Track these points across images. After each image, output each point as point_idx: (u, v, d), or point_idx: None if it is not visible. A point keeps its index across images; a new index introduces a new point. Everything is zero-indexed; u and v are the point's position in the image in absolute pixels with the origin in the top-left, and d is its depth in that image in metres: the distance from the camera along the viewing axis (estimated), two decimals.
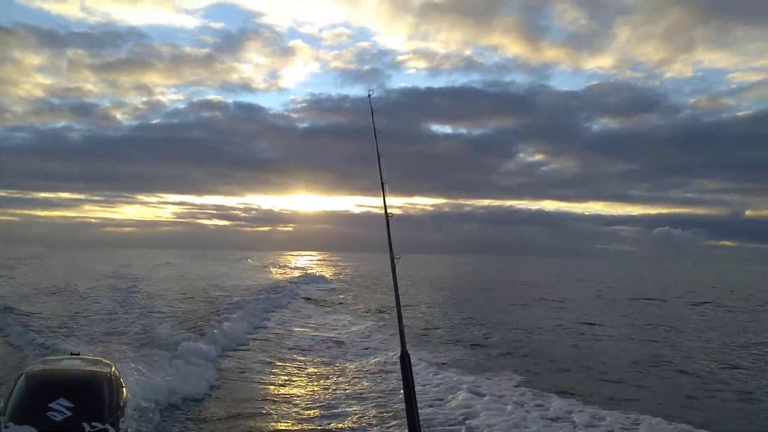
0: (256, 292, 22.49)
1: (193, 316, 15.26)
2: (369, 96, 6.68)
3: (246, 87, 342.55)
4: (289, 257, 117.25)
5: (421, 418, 2.78)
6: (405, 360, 3.06)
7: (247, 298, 19.41)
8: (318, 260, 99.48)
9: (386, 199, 4.09)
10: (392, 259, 4.54)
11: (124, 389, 2.21)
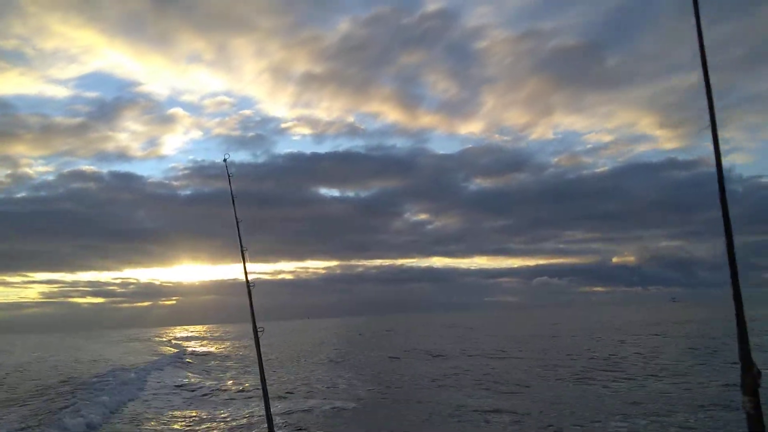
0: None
1: None
2: (225, 161, 6.85)
3: (122, 156, 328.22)
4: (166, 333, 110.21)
5: None
6: None
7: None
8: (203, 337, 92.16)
9: (249, 266, 4.22)
10: (255, 332, 4.71)
11: None
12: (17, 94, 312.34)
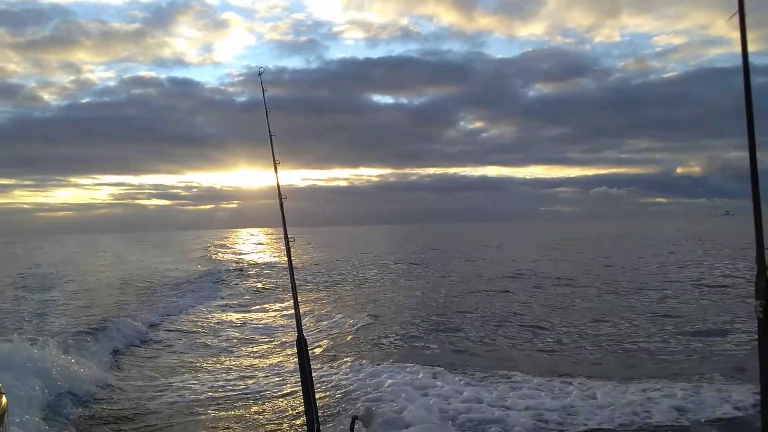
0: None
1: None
2: (260, 74, 6.79)
3: (179, 62, 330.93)
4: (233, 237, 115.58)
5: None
6: (301, 345, 3.07)
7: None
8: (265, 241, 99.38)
9: (280, 178, 3.81)
10: (287, 242, 4.73)
11: (4, 396, 2.17)
12: (75, 1, 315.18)
